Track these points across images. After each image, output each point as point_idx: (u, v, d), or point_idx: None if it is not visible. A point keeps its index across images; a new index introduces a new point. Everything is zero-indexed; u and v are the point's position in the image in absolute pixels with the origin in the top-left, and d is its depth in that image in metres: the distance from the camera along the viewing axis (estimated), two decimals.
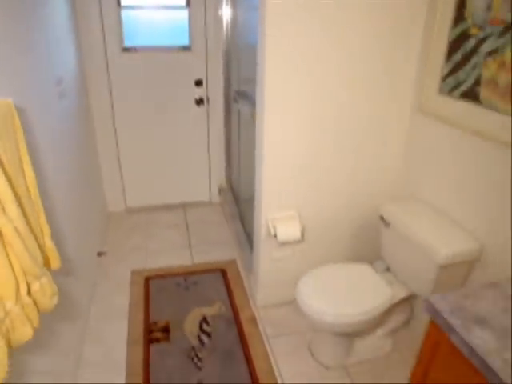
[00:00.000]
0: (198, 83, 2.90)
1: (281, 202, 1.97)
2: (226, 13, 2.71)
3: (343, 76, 1.78)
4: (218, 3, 2.71)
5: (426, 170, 1.84)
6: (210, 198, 3.34)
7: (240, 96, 2.59)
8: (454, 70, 1.58)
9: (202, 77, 2.90)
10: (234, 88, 2.86)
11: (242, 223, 2.84)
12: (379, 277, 1.81)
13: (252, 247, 2.31)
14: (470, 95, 1.51)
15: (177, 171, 3.17)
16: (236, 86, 2.80)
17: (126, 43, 2.70)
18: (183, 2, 2.68)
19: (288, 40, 1.64)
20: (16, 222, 0.94)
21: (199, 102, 2.95)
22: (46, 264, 1.15)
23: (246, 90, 2.46)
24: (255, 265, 2.22)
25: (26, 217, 1.02)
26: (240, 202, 2.98)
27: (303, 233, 2.05)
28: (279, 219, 1.97)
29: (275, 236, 1.94)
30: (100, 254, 2.52)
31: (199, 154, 3.15)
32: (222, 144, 3.18)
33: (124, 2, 2.59)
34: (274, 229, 1.94)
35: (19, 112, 1.09)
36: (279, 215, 1.98)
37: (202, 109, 2.99)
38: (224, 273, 2.50)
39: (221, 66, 2.89)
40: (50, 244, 1.20)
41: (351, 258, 2.23)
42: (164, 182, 3.19)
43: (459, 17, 1.53)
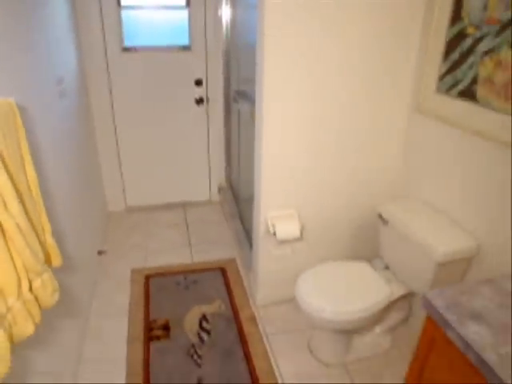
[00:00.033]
0: (198, 83, 2.92)
1: (280, 201, 1.98)
2: (226, 12, 2.72)
3: (343, 76, 1.78)
4: (217, 3, 2.72)
5: (425, 169, 1.85)
6: (210, 197, 3.36)
7: (240, 96, 2.60)
8: (452, 69, 1.59)
9: (201, 76, 2.91)
10: (233, 88, 2.87)
11: (242, 222, 2.85)
12: (378, 274, 1.83)
13: (252, 246, 2.32)
14: (467, 94, 1.52)
15: (177, 170, 3.18)
16: (236, 85, 2.81)
17: (126, 43, 2.72)
18: (183, 2, 2.69)
19: (287, 40, 1.65)
20: (18, 218, 0.95)
21: (199, 101, 2.96)
22: (47, 261, 1.17)
23: (245, 90, 2.47)
24: (254, 263, 2.24)
25: (28, 214, 1.03)
26: (240, 201, 2.99)
27: (302, 231, 2.06)
28: (278, 217, 1.98)
29: (274, 234, 1.95)
30: (100, 253, 2.53)
31: (199, 154, 3.17)
32: (222, 143, 3.19)
33: (124, 1, 2.60)
34: (273, 227, 1.95)
35: (20, 111, 1.10)
36: (278, 213, 1.99)
37: (201, 108, 3.01)
38: (224, 271, 2.51)
39: (221, 66, 2.91)
40: (51, 241, 1.21)
41: (350, 257, 2.24)
42: (164, 181, 3.20)
43: (456, 16, 1.54)
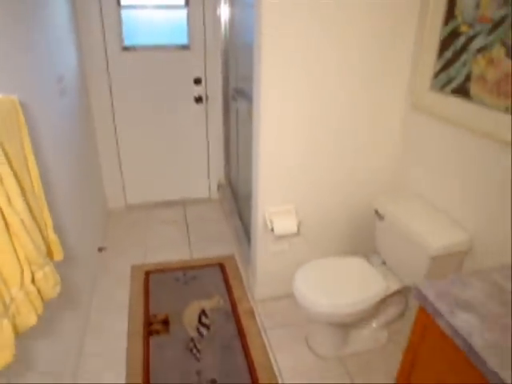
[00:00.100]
0: (197, 81, 2.94)
1: (278, 197, 2.01)
2: (225, 12, 2.75)
3: (340, 75, 1.80)
4: (216, 2, 2.75)
5: (422, 166, 1.87)
6: (209, 195, 3.39)
7: (238, 94, 2.63)
8: (446, 66, 1.62)
9: (200, 75, 2.94)
10: (232, 86, 2.90)
11: (241, 219, 2.88)
12: (374, 269, 1.86)
13: (250, 242, 2.35)
14: (461, 91, 1.55)
15: (176, 168, 3.21)
16: (234, 84, 2.84)
17: (126, 42, 2.74)
18: (182, 2, 2.72)
19: (285, 39, 1.67)
20: (22, 214, 0.98)
21: (198, 99, 2.99)
22: (48, 255, 1.20)
23: (243, 88, 2.50)
24: (253, 259, 2.27)
25: (31, 210, 1.06)
26: (239, 198, 3.02)
27: (300, 227, 2.09)
28: (276, 213, 2.01)
29: (272, 230, 1.98)
30: (100, 250, 2.56)
31: (198, 151, 3.20)
32: (221, 141, 3.22)
33: (124, 1, 2.63)
34: (270, 222, 1.98)
35: (22, 108, 1.12)
36: (276, 209, 2.02)
37: (201, 107, 3.04)
38: (223, 267, 2.54)
39: (219, 65, 2.93)
40: (52, 236, 1.24)
41: (348, 253, 2.27)
42: (163, 178, 3.23)
43: (450, 15, 1.57)
